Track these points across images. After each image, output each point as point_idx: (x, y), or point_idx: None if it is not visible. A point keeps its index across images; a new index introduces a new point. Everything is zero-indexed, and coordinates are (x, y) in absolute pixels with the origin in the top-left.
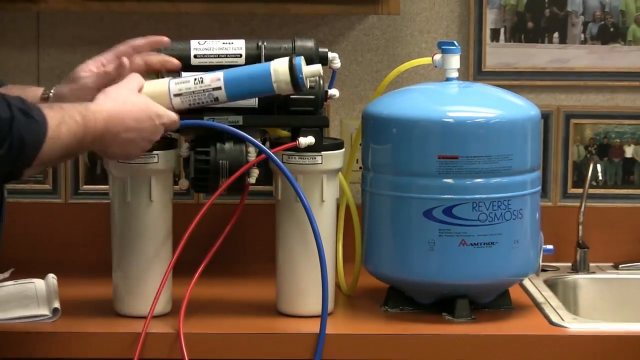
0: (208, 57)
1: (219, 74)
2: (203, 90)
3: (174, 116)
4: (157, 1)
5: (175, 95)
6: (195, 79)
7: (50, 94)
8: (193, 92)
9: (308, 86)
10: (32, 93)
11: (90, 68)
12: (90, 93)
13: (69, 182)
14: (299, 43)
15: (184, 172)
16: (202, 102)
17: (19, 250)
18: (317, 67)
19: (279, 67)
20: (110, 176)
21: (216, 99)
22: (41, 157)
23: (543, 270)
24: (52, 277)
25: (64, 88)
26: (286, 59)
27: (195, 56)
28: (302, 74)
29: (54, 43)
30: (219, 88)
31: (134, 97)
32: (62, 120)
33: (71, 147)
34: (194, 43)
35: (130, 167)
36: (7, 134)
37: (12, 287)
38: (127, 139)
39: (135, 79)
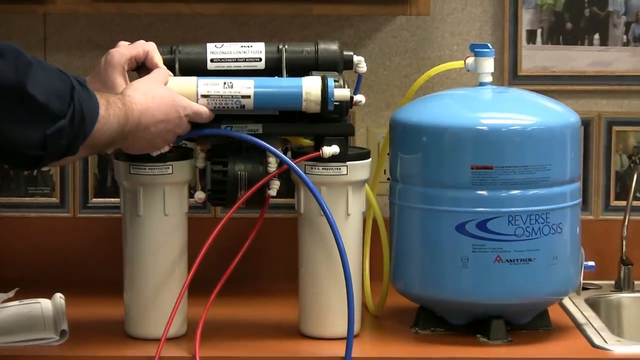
0: (225, 62)
1: (250, 83)
2: (232, 95)
3: (198, 108)
4: (171, 2)
5: (203, 95)
6: (224, 83)
7: None
8: (221, 96)
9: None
10: None
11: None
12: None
13: (77, 195)
14: (322, 46)
15: (200, 184)
16: (228, 107)
17: (24, 268)
18: (346, 92)
19: (312, 88)
20: (121, 188)
21: (242, 107)
22: (93, 136)
23: (584, 289)
24: (59, 297)
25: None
26: (318, 79)
27: (211, 60)
28: (332, 97)
29: (61, 46)
30: (248, 97)
31: (160, 90)
32: (109, 103)
33: (115, 133)
34: (210, 46)
35: (142, 178)
36: (70, 101)
37: (17, 307)
38: (155, 132)
39: (161, 73)
